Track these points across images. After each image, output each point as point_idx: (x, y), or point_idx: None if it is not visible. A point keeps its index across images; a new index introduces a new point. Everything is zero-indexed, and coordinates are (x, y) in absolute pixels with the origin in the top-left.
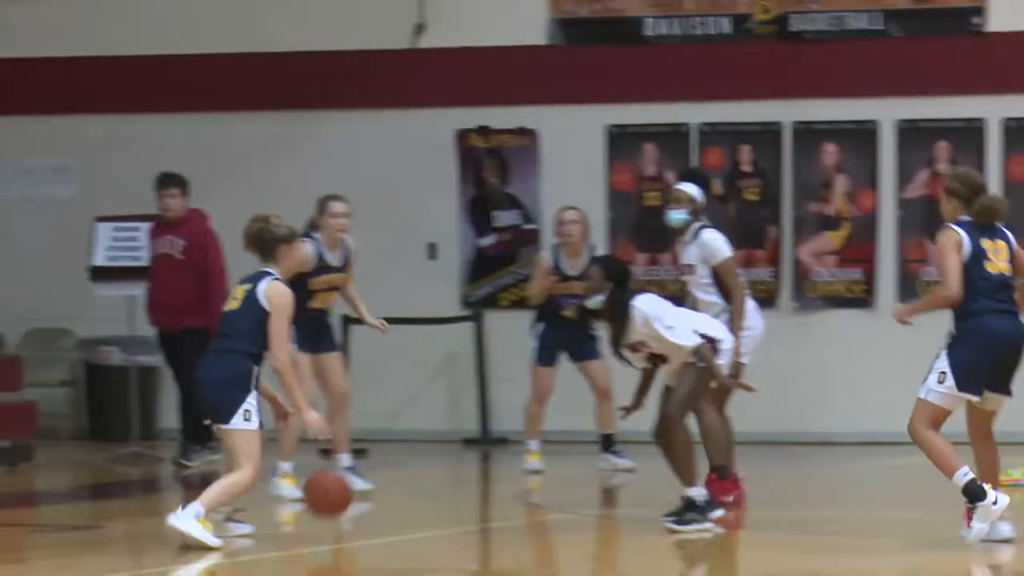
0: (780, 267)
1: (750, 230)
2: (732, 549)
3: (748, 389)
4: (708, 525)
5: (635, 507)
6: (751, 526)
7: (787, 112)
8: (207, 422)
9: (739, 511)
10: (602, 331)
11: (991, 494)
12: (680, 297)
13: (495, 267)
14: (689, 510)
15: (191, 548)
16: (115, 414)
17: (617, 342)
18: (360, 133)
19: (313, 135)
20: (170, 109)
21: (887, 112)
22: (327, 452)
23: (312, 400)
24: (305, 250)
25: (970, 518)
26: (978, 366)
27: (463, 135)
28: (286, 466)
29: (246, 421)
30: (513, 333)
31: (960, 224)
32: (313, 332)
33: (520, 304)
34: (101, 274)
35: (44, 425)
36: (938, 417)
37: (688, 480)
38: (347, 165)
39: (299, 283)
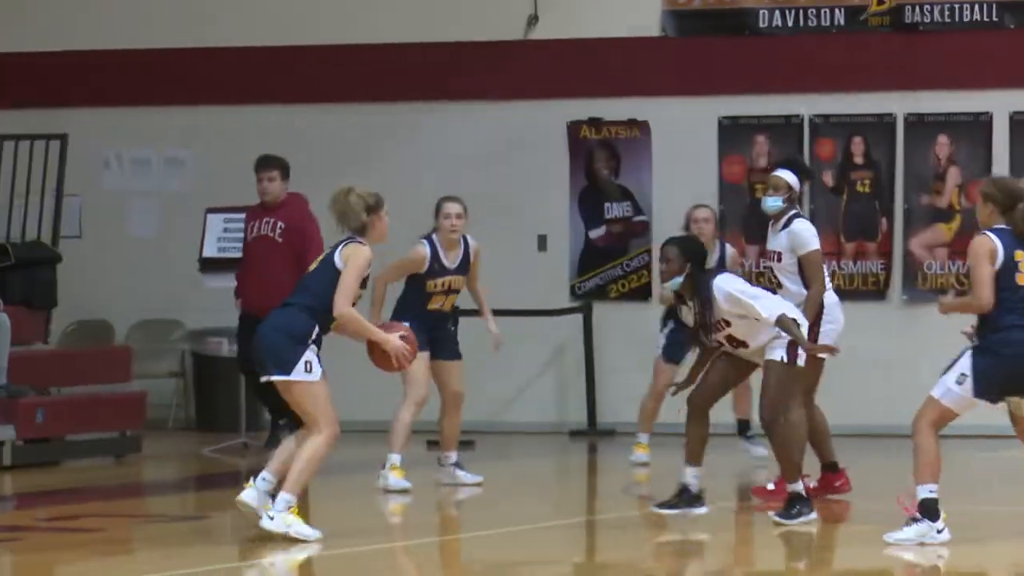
0: (891, 259)
1: (862, 222)
2: (836, 542)
3: (832, 352)
4: (813, 516)
5: (743, 500)
6: (856, 518)
7: (900, 104)
8: (264, 377)
9: (842, 502)
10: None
11: (942, 523)
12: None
13: (605, 259)
14: (794, 504)
15: (294, 540)
16: (223, 405)
17: (702, 323)
18: (472, 124)
19: (424, 126)
20: (282, 101)
21: (1001, 104)
22: (434, 443)
23: (424, 396)
24: (418, 250)
25: (910, 520)
26: (999, 378)
27: (574, 127)
28: (396, 458)
29: (307, 372)
30: (622, 325)
31: (996, 232)
32: (434, 336)
33: (629, 296)
34: (211, 265)
35: (152, 416)
36: (945, 418)
37: (792, 476)
38: (458, 156)
39: (415, 285)
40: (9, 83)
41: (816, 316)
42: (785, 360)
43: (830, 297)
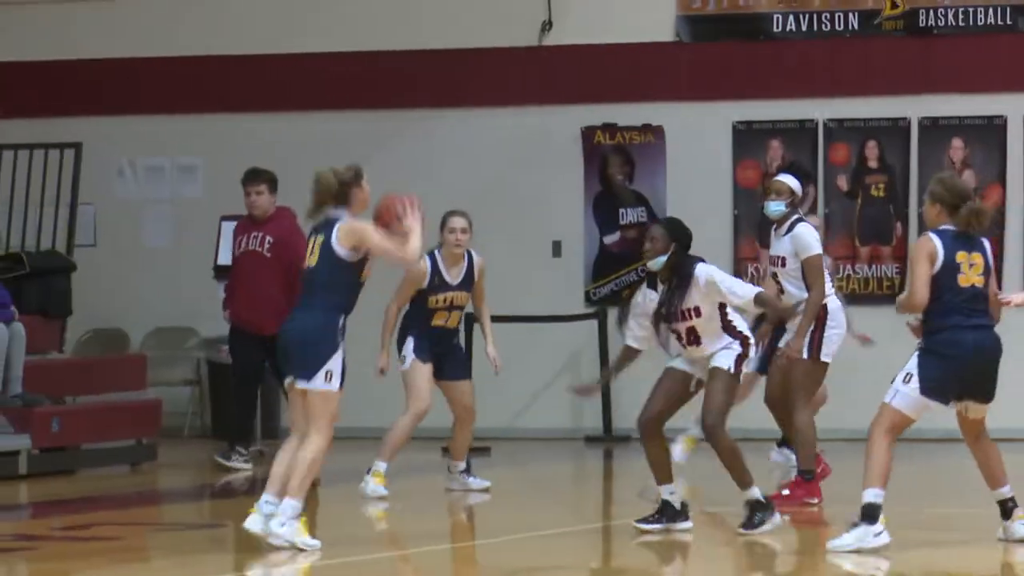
0: (906, 263)
1: (876, 226)
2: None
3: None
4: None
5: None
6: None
7: (914, 108)
8: (288, 379)
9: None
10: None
11: (880, 526)
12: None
13: (620, 264)
14: (755, 512)
15: (300, 550)
16: None
17: (673, 306)
18: (486, 130)
19: (439, 133)
20: (296, 108)
21: (1015, 107)
22: (446, 450)
23: (425, 408)
24: (418, 265)
25: (850, 525)
26: (945, 379)
27: (589, 132)
28: (382, 466)
29: (327, 382)
30: None
31: (939, 233)
32: (439, 352)
33: None
34: (225, 273)
35: (168, 424)
36: (899, 423)
37: (745, 482)
38: (473, 162)
39: (418, 301)
40: (22, 92)
41: (819, 320)
42: (732, 371)
43: (833, 302)
